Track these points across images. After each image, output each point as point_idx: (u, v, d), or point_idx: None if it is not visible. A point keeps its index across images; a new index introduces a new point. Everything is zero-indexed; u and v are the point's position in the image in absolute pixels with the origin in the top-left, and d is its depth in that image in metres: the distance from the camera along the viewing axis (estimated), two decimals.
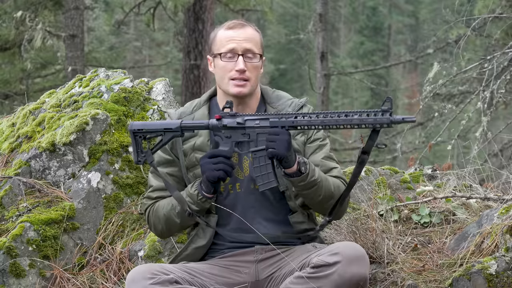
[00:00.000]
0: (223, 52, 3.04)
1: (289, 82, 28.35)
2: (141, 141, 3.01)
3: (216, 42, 3.09)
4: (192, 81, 12.65)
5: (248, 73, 3.03)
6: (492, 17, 7.59)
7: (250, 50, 3.04)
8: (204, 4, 12.58)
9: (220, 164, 2.90)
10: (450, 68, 7.82)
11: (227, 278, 3.02)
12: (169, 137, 2.99)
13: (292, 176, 2.90)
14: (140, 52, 24.37)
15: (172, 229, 3.13)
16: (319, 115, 2.81)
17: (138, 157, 3.00)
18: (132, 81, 4.20)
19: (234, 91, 3.04)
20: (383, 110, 2.69)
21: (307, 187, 2.93)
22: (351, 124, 2.74)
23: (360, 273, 2.76)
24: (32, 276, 3.56)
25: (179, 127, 2.97)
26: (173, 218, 3.07)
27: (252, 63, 3.04)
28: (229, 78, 3.04)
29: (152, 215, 3.13)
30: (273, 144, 2.83)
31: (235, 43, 3.04)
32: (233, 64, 3.03)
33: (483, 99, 6.94)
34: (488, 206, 3.83)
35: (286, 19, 27.32)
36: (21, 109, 4.40)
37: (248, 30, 3.07)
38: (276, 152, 2.82)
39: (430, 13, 28.20)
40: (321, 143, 3.12)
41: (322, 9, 13.99)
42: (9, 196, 3.78)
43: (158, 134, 2.99)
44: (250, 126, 2.91)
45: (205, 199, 2.99)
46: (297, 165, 2.89)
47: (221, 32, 3.09)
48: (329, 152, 3.13)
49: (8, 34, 13.05)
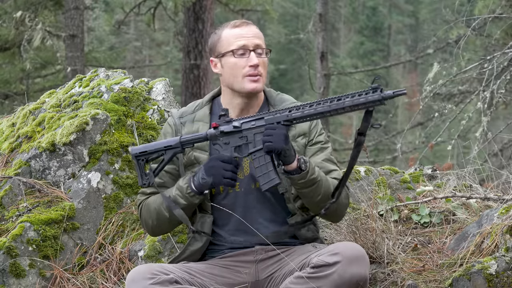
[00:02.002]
0: (235, 49, 3.03)
1: (289, 82, 28.35)
2: (143, 164, 3.04)
3: (222, 42, 3.07)
4: (192, 81, 12.65)
5: (260, 68, 3.03)
6: (492, 17, 7.59)
7: (260, 45, 3.05)
8: (204, 4, 12.58)
9: (230, 172, 2.91)
10: (450, 68, 7.82)
11: (227, 278, 3.02)
12: (171, 154, 3.01)
13: (292, 174, 2.90)
14: (140, 52, 24.37)
15: (162, 225, 3.09)
16: (311, 104, 2.81)
17: (142, 180, 3.02)
18: (132, 81, 4.20)
19: (250, 87, 3.03)
20: (373, 88, 2.69)
21: (307, 185, 2.92)
22: (344, 107, 2.73)
23: (360, 273, 2.76)
24: (32, 276, 3.56)
25: (178, 143, 2.99)
26: (163, 212, 3.04)
27: (263, 59, 3.05)
28: (243, 75, 3.03)
29: (144, 209, 3.11)
30: (270, 138, 2.83)
31: (245, 39, 3.03)
32: (245, 60, 3.02)
33: (483, 99, 6.94)
34: (488, 206, 3.82)
35: (286, 19, 27.32)
36: (21, 109, 4.40)
37: (253, 27, 3.09)
38: (273, 146, 2.82)
39: (430, 13, 28.21)
40: (323, 146, 3.12)
41: (322, 9, 13.98)
42: (9, 196, 3.78)
43: (159, 154, 3.02)
44: (247, 128, 2.92)
45: (193, 193, 2.97)
46: (297, 162, 2.89)
47: (226, 31, 3.07)
48: (330, 156, 3.12)
49: (8, 34, 13.04)
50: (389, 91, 2.68)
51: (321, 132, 3.14)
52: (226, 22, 3.14)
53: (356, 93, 2.72)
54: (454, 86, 10.33)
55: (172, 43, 23.01)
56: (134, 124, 4.01)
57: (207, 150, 3.06)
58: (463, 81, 10.09)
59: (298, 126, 3.08)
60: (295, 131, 3.09)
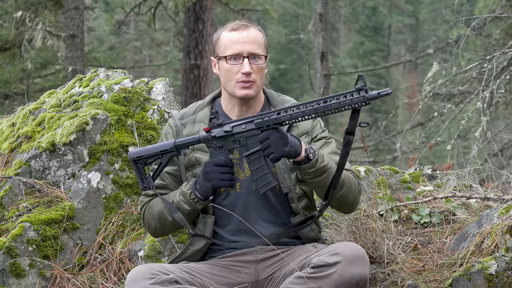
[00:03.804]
0: (228, 55, 3.03)
1: (289, 82, 28.35)
2: (142, 168, 3.06)
3: (220, 44, 3.07)
4: (192, 81, 12.65)
5: (253, 75, 3.02)
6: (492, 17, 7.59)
7: (255, 52, 3.03)
8: (204, 4, 12.58)
9: (227, 174, 2.94)
10: (450, 68, 7.82)
11: (227, 278, 3.02)
12: (167, 158, 3.04)
13: (302, 164, 2.90)
14: (140, 52, 24.37)
15: (165, 228, 3.12)
16: (299, 106, 2.81)
17: (143, 183, 3.05)
18: (132, 81, 4.20)
19: (241, 93, 3.03)
20: (357, 89, 2.71)
21: (318, 173, 2.91)
22: (331, 109, 2.75)
23: (360, 273, 2.76)
24: (32, 276, 3.56)
25: (173, 147, 3.01)
26: (166, 216, 3.07)
27: (258, 65, 3.03)
28: (236, 81, 3.03)
29: (147, 212, 3.13)
30: (270, 149, 2.83)
31: (240, 45, 3.02)
32: (239, 67, 3.02)
33: (483, 99, 6.94)
34: (488, 206, 3.83)
35: (286, 19, 27.32)
36: (21, 109, 4.40)
37: (251, 31, 3.05)
38: (277, 156, 2.83)
39: (430, 13, 28.21)
40: (327, 140, 3.14)
41: (322, 9, 13.99)
42: (9, 196, 3.78)
43: (156, 157, 3.05)
44: (238, 132, 2.93)
45: (197, 199, 3.00)
46: (305, 152, 2.89)
47: (224, 34, 3.07)
48: (336, 149, 3.14)
49: (8, 34, 13.04)
50: (374, 92, 2.70)
51: (323, 129, 3.16)
52: (229, 22, 3.13)
53: (342, 94, 2.74)
54: (454, 86, 10.33)
55: (172, 43, 23.01)
56: (134, 124, 4.01)
57: (207, 151, 3.06)
58: (463, 81, 10.10)
59: (301, 125, 3.09)
60: (297, 130, 3.09)
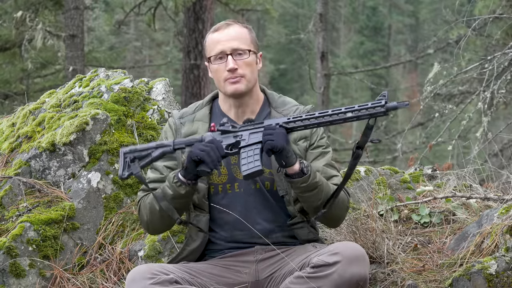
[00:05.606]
0: (213, 56, 3.06)
1: (289, 82, 28.38)
2: (129, 161, 2.96)
3: (206, 48, 3.12)
4: (192, 81, 12.65)
5: (240, 71, 3.03)
6: (493, 17, 7.59)
7: (237, 48, 3.04)
8: (204, 4, 12.58)
9: (208, 148, 2.86)
10: (450, 68, 7.81)
11: (227, 278, 3.02)
12: (160, 152, 2.97)
13: (294, 177, 2.90)
14: (140, 52, 24.38)
15: (154, 219, 3.05)
16: (312, 116, 2.83)
17: (123, 171, 2.95)
18: (132, 81, 4.20)
19: (230, 89, 3.04)
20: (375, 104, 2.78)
21: (308, 189, 2.92)
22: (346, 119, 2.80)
23: (360, 273, 2.76)
24: (32, 276, 3.56)
25: (172, 148, 2.97)
26: (154, 205, 3.01)
27: (243, 60, 3.04)
28: (224, 80, 3.04)
29: (142, 205, 3.09)
30: (271, 137, 2.82)
31: (221, 44, 3.04)
32: (224, 65, 3.04)
33: (484, 99, 6.93)
34: (488, 206, 3.83)
35: (286, 19, 27.34)
36: (21, 109, 4.40)
37: (233, 28, 3.07)
38: (275, 144, 2.81)
39: (430, 13, 28.23)
40: (324, 150, 3.11)
41: (322, 9, 14.00)
42: (9, 196, 3.78)
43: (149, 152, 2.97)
44: (243, 126, 2.93)
45: (180, 183, 2.93)
46: (300, 165, 2.89)
47: (209, 37, 3.11)
48: (331, 161, 3.12)
49: (8, 34, 13.05)
50: (393, 103, 2.76)
51: (322, 135, 3.13)
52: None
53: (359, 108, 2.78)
54: (455, 87, 10.33)
55: (172, 43, 23.03)
56: (134, 124, 4.02)
57: None
58: (464, 82, 10.10)
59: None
60: (296, 134, 3.07)
